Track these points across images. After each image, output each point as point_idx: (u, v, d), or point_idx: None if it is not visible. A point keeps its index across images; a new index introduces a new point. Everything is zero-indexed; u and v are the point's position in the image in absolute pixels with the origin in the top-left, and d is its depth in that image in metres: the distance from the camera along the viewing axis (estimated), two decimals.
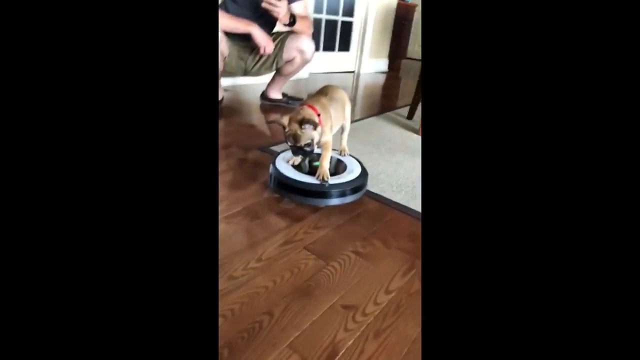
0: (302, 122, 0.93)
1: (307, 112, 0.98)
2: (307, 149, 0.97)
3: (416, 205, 1.04)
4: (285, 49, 1.81)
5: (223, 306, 0.63)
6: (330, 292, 0.69)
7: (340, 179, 1.02)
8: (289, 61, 1.85)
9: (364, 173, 1.08)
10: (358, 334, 0.60)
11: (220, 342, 0.56)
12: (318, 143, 1.00)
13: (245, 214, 0.92)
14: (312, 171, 1.04)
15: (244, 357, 0.54)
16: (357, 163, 1.15)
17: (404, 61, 4.10)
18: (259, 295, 0.66)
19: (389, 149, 1.48)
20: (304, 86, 2.62)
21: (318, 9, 3.01)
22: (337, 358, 0.55)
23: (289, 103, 2.04)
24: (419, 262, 0.80)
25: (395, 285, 0.72)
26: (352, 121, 1.88)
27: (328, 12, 3.13)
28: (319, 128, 0.96)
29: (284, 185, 1.00)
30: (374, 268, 0.77)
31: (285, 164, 1.07)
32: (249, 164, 1.23)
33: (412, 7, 3.71)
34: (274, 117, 1.86)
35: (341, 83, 2.91)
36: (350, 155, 1.21)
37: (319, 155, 1.06)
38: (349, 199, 1.01)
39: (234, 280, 0.69)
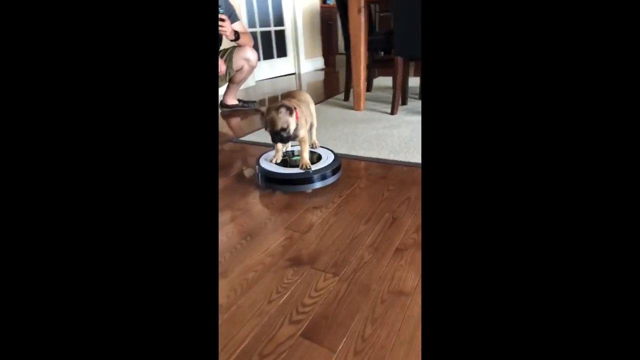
0: (279, 107, 1.07)
1: (285, 102, 1.09)
2: (284, 133, 1.08)
3: (354, 153, 1.45)
4: (234, 60, 2.17)
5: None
6: (305, 203, 1.08)
7: (319, 165, 1.19)
8: (239, 70, 2.22)
9: (336, 158, 1.25)
10: (324, 216, 0.99)
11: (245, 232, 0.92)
12: (295, 131, 1.11)
13: (235, 178, 1.29)
14: (294, 165, 1.21)
15: (262, 235, 0.91)
16: (329, 151, 1.31)
17: (337, 56, 4.58)
18: (262, 211, 1.03)
19: (333, 123, 1.89)
20: (253, 93, 2.99)
21: (252, 24, 3.38)
22: (313, 227, 0.94)
23: (245, 106, 2.40)
24: (358, 181, 1.20)
25: (344, 193, 1.12)
26: None
27: (261, 25, 3.51)
28: (294, 115, 1.09)
29: (272, 179, 1.16)
30: (332, 188, 1.17)
31: (269, 163, 1.23)
32: (227, 151, 1.59)
33: (334, 8, 4.18)
34: (236, 122, 2.21)
35: (286, 85, 3.31)
36: (321, 146, 1.39)
37: (296, 153, 1.26)
38: (330, 180, 1.17)
39: (241, 210, 1.06)
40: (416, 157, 1.36)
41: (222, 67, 2.06)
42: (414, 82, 2.74)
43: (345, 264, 0.78)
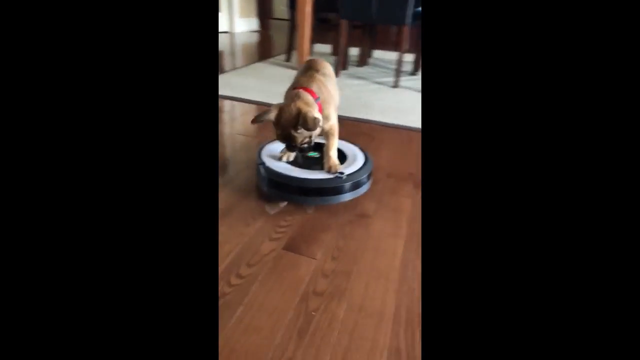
0: (297, 124, 0.76)
1: (303, 104, 0.77)
2: (305, 146, 0.81)
3: None
4: None
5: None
6: None
7: (350, 168, 0.84)
8: None
9: (367, 157, 0.91)
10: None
11: None
12: (320, 132, 0.84)
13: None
14: (310, 165, 0.86)
15: (232, 170, 0.93)
16: (353, 146, 0.98)
17: (272, 21, 4.46)
18: (238, 150, 1.04)
19: (280, 81, 1.91)
20: None
21: None
22: None
23: None
24: None
25: None
26: (238, 67, 2.23)
27: None
28: (317, 109, 0.79)
29: (286, 187, 0.80)
30: None
31: (277, 161, 0.87)
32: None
33: None
34: None
35: (220, 42, 3.15)
36: (340, 138, 0.98)
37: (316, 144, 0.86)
38: (363, 189, 0.84)
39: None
40: (356, 113, 1.47)
41: None
42: (353, 51, 2.84)
43: None
